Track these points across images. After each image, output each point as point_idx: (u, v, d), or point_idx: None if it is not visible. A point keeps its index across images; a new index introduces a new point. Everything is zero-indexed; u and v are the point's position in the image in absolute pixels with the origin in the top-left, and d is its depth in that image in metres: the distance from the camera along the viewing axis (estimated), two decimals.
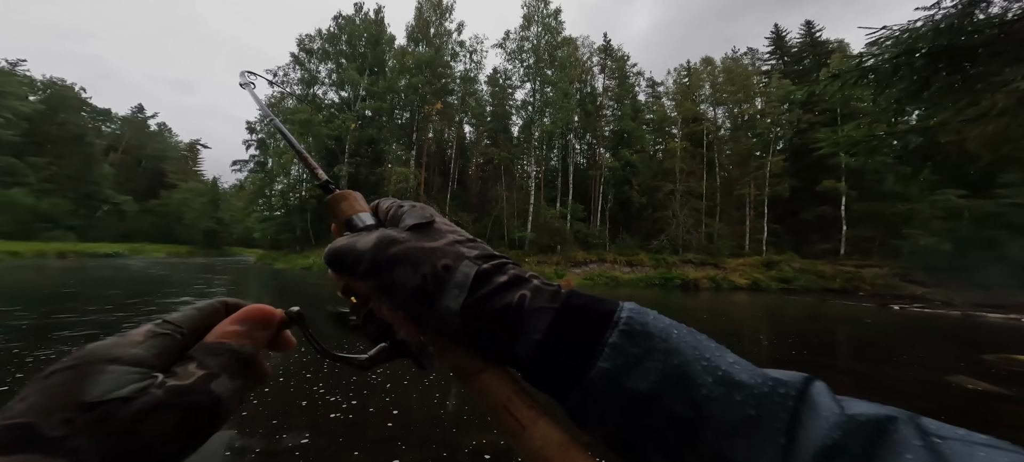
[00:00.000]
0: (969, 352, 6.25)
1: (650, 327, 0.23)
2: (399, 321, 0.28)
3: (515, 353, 0.25)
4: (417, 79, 27.87)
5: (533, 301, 0.25)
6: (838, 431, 0.19)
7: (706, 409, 0.21)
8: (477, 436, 2.75)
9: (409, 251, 0.26)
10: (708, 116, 31.32)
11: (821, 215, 25.60)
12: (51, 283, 11.13)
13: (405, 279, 0.25)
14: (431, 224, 0.28)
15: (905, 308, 13.56)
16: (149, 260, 27.46)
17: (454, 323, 0.25)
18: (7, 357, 4.06)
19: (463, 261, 0.26)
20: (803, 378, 0.22)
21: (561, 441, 0.22)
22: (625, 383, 0.22)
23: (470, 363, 0.26)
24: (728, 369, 0.22)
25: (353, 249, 0.27)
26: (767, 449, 0.20)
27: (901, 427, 0.19)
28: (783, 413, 0.20)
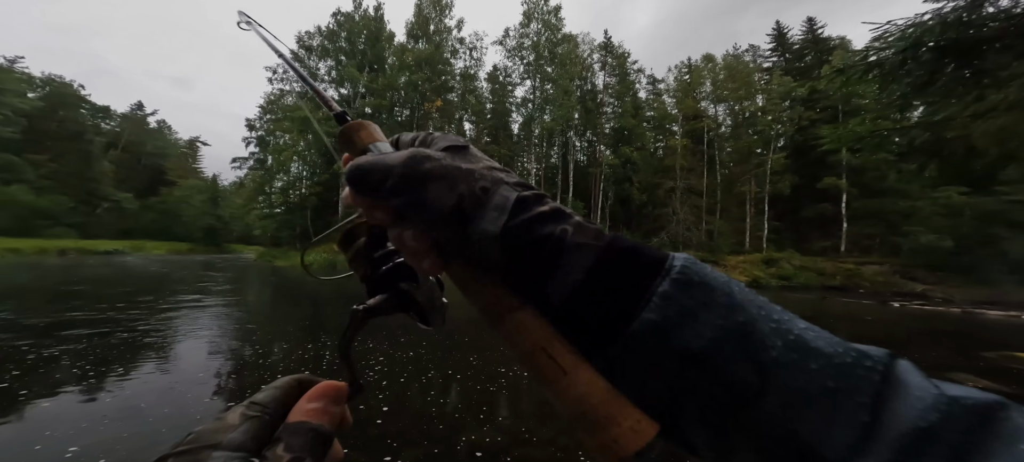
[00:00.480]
0: (969, 349, 6.26)
1: (709, 279, 0.21)
2: (423, 251, 0.25)
3: (547, 295, 0.23)
4: (417, 76, 27.78)
5: (576, 236, 0.22)
6: (935, 414, 0.17)
7: (774, 375, 0.18)
8: (471, 433, 2.75)
9: (445, 168, 0.24)
10: (709, 113, 31.24)
11: (822, 212, 25.59)
12: (56, 280, 11.13)
13: (439, 197, 0.23)
14: (466, 148, 0.26)
15: (905, 305, 13.55)
16: (149, 257, 27.50)
17: (491, 249, 0.23)
18: (16, 353, 4.06)
19: (502, 185, 0.24)
20: (887, 353, 0.20)
21: (608, 389, 0.20)
22: (675, 338, 0.20)
23: (503, 300, 0.23)
24: (801, 334, 0.20)
25: (382, 162, 0.24)
26: (846, 425, 0.18)
27: (1013, 414, 0.17)
28: (868, 387, 0.18)
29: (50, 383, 3.36)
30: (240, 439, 0.20)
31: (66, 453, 2.31)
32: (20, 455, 2.31)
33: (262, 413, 0.22)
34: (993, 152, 3.92)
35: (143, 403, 3.09)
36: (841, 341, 0.20)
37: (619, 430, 0.19)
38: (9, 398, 3.06)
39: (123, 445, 2.42)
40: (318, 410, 0.23)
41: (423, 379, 3.88)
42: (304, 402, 0.24)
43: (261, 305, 8.82)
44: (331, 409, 0.24)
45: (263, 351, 4.72)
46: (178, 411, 2.97)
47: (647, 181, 29.13)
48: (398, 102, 30.16)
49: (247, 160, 35.24)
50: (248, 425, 0.21)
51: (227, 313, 7.26)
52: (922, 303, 14.36)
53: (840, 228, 24.60)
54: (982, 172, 5.90)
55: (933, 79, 4.11)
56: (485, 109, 32.04)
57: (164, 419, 2.82)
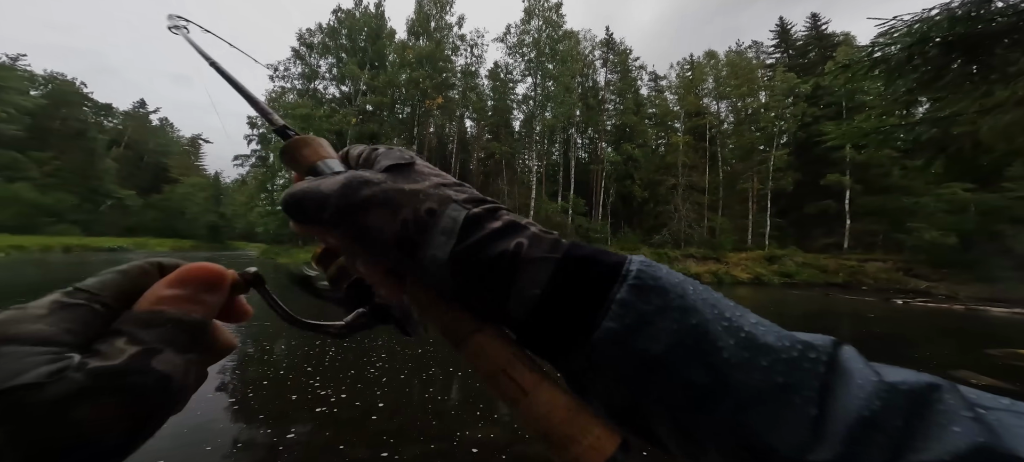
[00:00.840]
0: (973, 346, 6.23)
1: (663, 282, 0.21)
2: (377, 279, 0.24)
3: (509, 311, 0.22)
4: (418, 73, 27.72)
5: (531, 250, 0.22)
6: (876, 401, 0.17)
7: (727, 375, 0.19)
8: (474, 430, 2.76)
9: (386, 192, 0.22)
10: (711, 110, 31.09)
11: (824, 209, 25.48)
12: (65, 277, 11.21)
13: (382, 225, 0.22)
14: (411, 165, 0.25)
15: (908, 302, 13.49)
16: (153, 254, 27.60)
17: (442, 276, 0.22)
18: None
19: (450, 204, 0.23)
20: (832, 341, 0.20)
21: (569, 405, 0.20)
22: (634, 345, 0.20)
23: (462, 323, 0.23)
24: (751, 330, 0.20)
25: (316, 191, 0.22)
26: (795, 421, 0.18)
27: (946, 396, 0.17)
28: (814, 381, 0.18)
29: None
30: (47, 331, 0.16)
31: None
32: None
33: (88, 300, 0.18)
34: (1001, 148, 3.90)
35: None
36: (789, 334, 0.20)
37: (579, 448, 0.19)
38: None
39: None
40: (180, 297, 0.19)
41: (423, 376, 3.89)
42: (159, 287, 0.19)
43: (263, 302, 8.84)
44: (202, 297, 0.20)
45: (267, 348, 4.74)
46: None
47: (649, 178, 29.06)
48: (399, 99, 30.11)
49: (249, 158, 35.29)
50: (63, 313, 0.17)
51: None
52: (926, 300, 14.30)
53: (843, 225, 24.49)
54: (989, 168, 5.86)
55: (940, 74, 4.07)
56: (486, 106, 31.96)
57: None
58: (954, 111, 4.13)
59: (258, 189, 31.60)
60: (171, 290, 0.19)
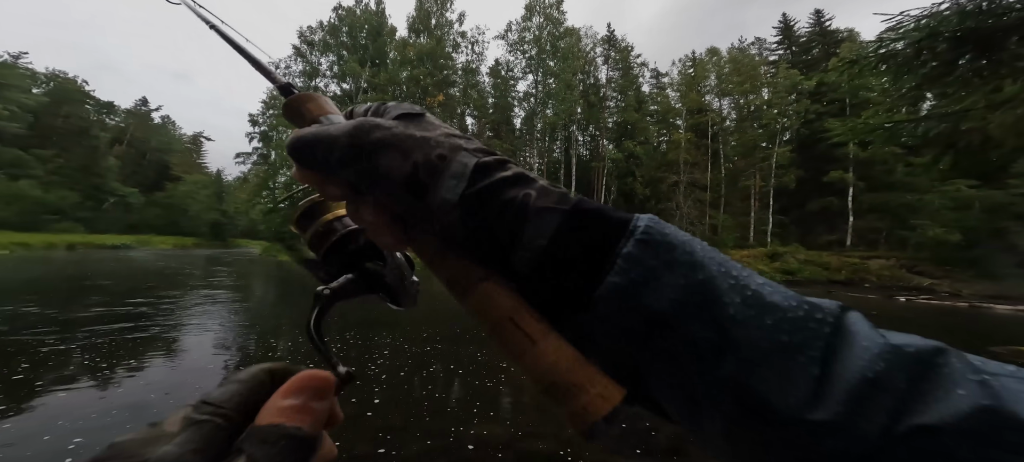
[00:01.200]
0: (976, 344, 6.20)
1: (671, 238, 0.21)
2: (382, 225, 0.24)
3: (513, 264, 0.22)
4: (419, 71, 27.66)
5: (539, 200, 0.22)
6: (881, 363, 0.17)
7: (733, 332, 0.18)
8: (481, 427, 2.75)
9: (397, 136, 0.22)
10: (713, 107, 30.95)
11: (827, 206, 25.38)
12: (73, 274, 11.26)
13: (392, 167, 0.22)
14: (421, 116, 0.25)
15: (911, 300, 13.45)
16: (157, 252, 27.74)
17: (451, 219, 0.22)
18: (36, 345, 4.11)
19: (461, 151, 0.23)
20: (838, 305, 0.20)
21: (576, 356, 0.20)
22: (640, 299, 0.19)
23: (468, 271, 0.22)
24: (759, 289, 0.20)
25: (325, 133, 0.22)
26: (798, 380, 0.18)
27: (952, 359, 0.17)
28: (818, 341, 0.18)
29: (64, 375, 3.41)
30: (177, 452, 0.16)
31: (70, 444, 2.34)
32: (28, 442, 2.34)
33: (213, 415, 0.18)
34: (1010, 144, 3.85)
35: (152, 395, 3.13)
36: (796, 295, 0.20)
37: (587, 397, 0.19)
38: (26, 388, 3.10)
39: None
40: (296, 408, 0.19)
41: (424, 373, 3.89)
42: (277, 398, 0.19)
43: (267, 299, 8.89)
44: (312, 406, 0.20)
45: (272, 344, 4.75)
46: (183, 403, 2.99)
47: (650, 175, 29.00)
48: (400, 97, 30.09)
49: (250, 155, 35.34)
50: (191, 432, 0.17)
51: (235, 307, 7.32)
52: (929, 297, 14.25)
53: (846, 222, 24.40)
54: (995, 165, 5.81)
55: (949, 70, 4.02)
56: (487, 104, 31.91)
57: (170, 410, 2.85)
58: (963, 107, 4.08)
59: (260, 187, 31.68)
60: (287, 401, 0.19)
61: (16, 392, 3.04)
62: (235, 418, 0.18)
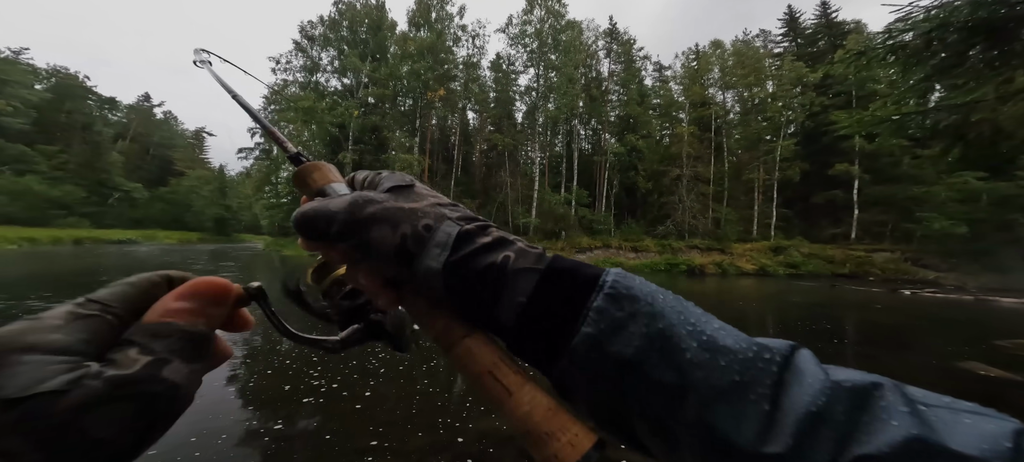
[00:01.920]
0: (982, 337, 6.14)
1: (635, 291, 0.22)
2: (377, 288, 0.26)
3: (498, 319, 0.24)
4: (419, 65, 27.50)
5: (517, 262, 0.24)
6: (823, 397, 0.19)
7: (690, 374, 0.20)
8: (484, 420, 2.77)
9: (387, 210, 0.24)
10: (717, 100, 30.62)
11: (832, 199, 25.17)
12: (80, 268, 11.37)
13: (383, 239, 0.24)
14: (411, 187, 0.27)
15: (916, 293, 13.36)
16: (162, 247, 27.99)
17: (436, 285, 0.24)
18: None
19: (445, 221, 0.25)
20: (789, 345, 0.21)
21: (549, 405, 0.21)
22: (609, 348, 0.21)
23: (453, 329, 0.24)
24: (713, 334, 0.21)
25: (325, 209, 0.25)
26: (751, 415, 0.19)
27: (887, 393, 0.19)
28: (767, 379, 0.20)
29: None
30: (64, 340, 0.16)
31: None
32: None
33: (101, 311, 0.19)
34: (1021, 135, 3.79)
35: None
36: (748, 338, 0.21)
37: (558, 444, 0.20)
38: None
39: None
40: (189, 310, 0.20)
41: (425, 367, 3.92)
42: (169, 299, 0.20)
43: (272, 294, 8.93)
44: (208, 311, 0.21)
45: (277, 339, 4.79)
46: None
47: (653, 169, 28.80)
48: (401, 92, 29.94)
49: (253, 150, 35.41)
50: (78, 324, 0.18)
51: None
52: (934, 291, 14.15)
53: (851, 215, 24.21)
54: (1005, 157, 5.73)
55: (960, 60, 3.95)
56: (488, 98, 31.71)
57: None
58: (973, 98, 4.01)
59: (262, 182, 31.78)
60: (179, 303, 0.20)
61: None
62: (124, 316, 0.19)
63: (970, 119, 4.11)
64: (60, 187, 32.22)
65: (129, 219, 39.65)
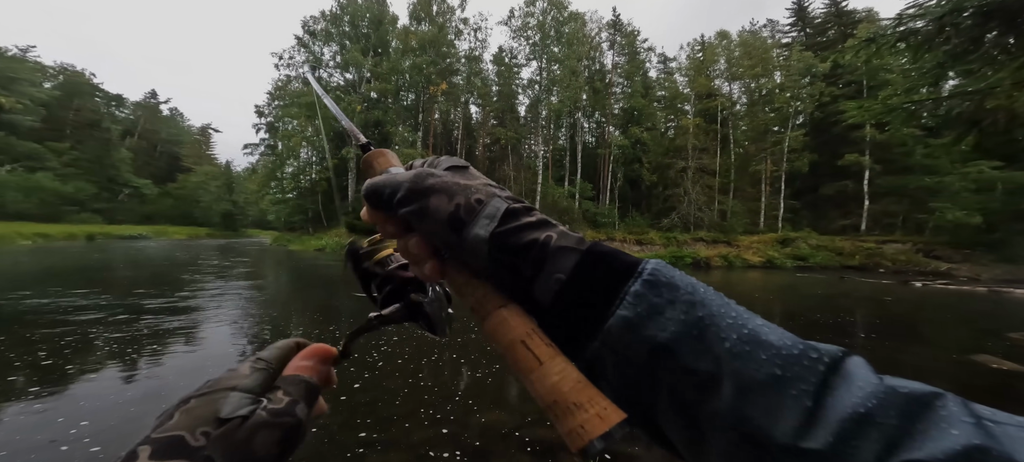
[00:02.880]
0: (995, 330, 6.02)
1: (676, 280, 0.23)
2: (424, 255, 0.28)
3: (535, 295, 0.25)
4: (421, 59, 27.34)
5: (559, 241, 0.25)
6: (874, 400, 0.18)
7: (728, 364, 0.20)
8: (488, 413, 2.77)
9: (445, 183, 0.27)
10: (723, 92, 30.12)
11: (842, 190, 24.76)
12: (104, 263, 11.58)
13: (439, 206, 0.26)
14: (466, 168, 0.30)
15: (928, 284, 13.13)
16: (173, 242, 28.36)
17: (482, 252, 0.26)
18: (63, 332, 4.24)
19: (495, 197, 0.27)
20: (839, 350, 0.21)
21: (579, 378, 0.22)
22: (644, 331, 0.22)
23: (491, 298, 0.26)
24: (756, 329, 0.21)
25: (392, 179, 0.28)
26: (790, 410, 0.19)
27: (949, 404, 0.18)
28: (812, 377, 0.20)
29: (89, 362, 3.51)
30: (251, 384, 0.25)
31: (72, 433, 2.42)
32: (41, 428, 2.42)
33: (267, 367, 0.27)
34: None
35: (168, 381, 3.21)
36: (794, 337, 0.21)
37: (586, 416, 0.20)
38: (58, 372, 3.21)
39: (131, 426, 2.51)
40: (310, 367, 0.28)
41: (429, 360, 3.93)
42: (298, 359, 0.28)
43: (280, 288, 9.04)
44: (320, 368, 0.28)
45: (285, 334, 4.84)
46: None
47: (658, 161, 28.52)
48: (403, 86, 29.84)
49: (258, 146, 35.64)
50: (257, 375, 0.26)
51: (250, 296, 7.45)
52: (946, 282, 13.90)
53: (861, 206, 23.81)
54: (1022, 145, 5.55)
55: (974, 46, 3.82)
56: (491, 91, 31.50)
57: None
58: (988, 85, 3.88)
59: (268, 177, 32.01)
60: (305, 362, 0.28)
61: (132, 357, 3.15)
62: (277, 370, 0.27)
63: (984, 106, 3.98)
64: (71, 183, 32.73)
65: (139, 215, 40.24)
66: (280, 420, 0.23)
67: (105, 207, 36.18)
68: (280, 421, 0.23)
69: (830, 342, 0.19)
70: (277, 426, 0.23)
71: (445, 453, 2.26)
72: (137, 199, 41.53)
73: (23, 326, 4.47)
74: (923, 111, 4.74)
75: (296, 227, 30.28)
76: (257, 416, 0.23)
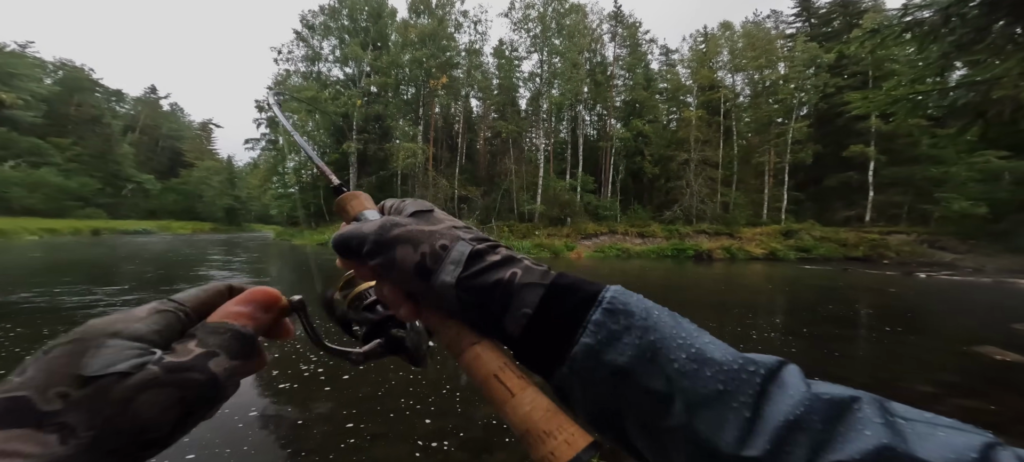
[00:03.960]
0: (998, 321, 6.01)
1: (631, 306, 0.24)
2: (399, 301, 0.29)
3: (505, 329, 0.26)
4: (421, 53, 27.10)
5: (524, 278, 0.26)
6: (801, 407, 0.20)
7: (678, 382, 0.22)
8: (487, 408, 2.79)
9: (410, 232, 0.28)
10: (726, 83, 29.79)
11: (846, 181, 24.58)
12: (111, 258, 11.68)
13: (406, 257, 0.27)
14: (431, 212, 0.31)
15: (932, 276, 13.08)
16: (178, 237, 28.52)
17: (450, 297, 0.26)
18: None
19: (459, 241, 0.28)
20: (776, 360, 0.23)
21: (549, 407, 0.23)
22: (605, 357, 0.23)
23: (464, 336, 0.27)
24: (702, 347, 0.23)
25: (359, 232, 0.29)
26: (732, 421, 0.20)
27: (864, 406, 0.20)
28: (750, 389, 0.21)
29: None
30: (143, 330, 0.20)
31: None
32: None
33: (177, 309, 0.22)
34: None
35: None
36: (736, 352, 0.23)
37: (555, 443, 0.21)
38: None
39: None
40: (244, 313, 0.24)
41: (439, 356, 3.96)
42: (230, 305, 0.24)
43: (284, 280, 9.11)
44: (258, 315, 0.24)
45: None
46: None
47: (660, 154, 28.33)
48: (403, 80, 29.64)
49: (259, 141, 35.61)
50: (157, 317, 0.21)
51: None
52: (950, 273, 13.84)
53: (866, 197, 23.64)
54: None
55: (980, 36, 3.77)
56: (491, 85, 31.27)
57: None
58: (995, 75, 3.82)
59: (270, 172, 32.02)
60: (236, 307, 0.24)
61: None
62: (192, 315, 0.23)
63: (990, 96, 3.93)
64: (75, 179, 32.88)
65: (143, 210, 40.46)
66: (179, 376, 0.19)
67: (109, 202, 36.36)
68: (179, 378, 0.19)
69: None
70: (173, 385, 0.19)
71: (446, 446, 2.28)
72: (141, 194, 41.70)
73: (41, 319, 4.52)
74: (928, 102, 4.68)
75: (298, 222, 30.39)
76: (145, 372, 0.18)
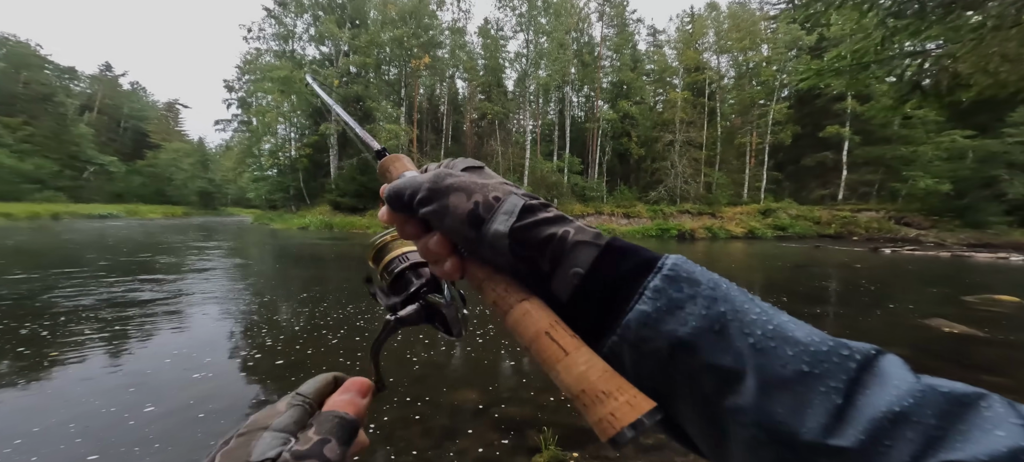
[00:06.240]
0: (952, 294, 6.34)
1: (697, 275, 0.23)
2: (445, 253, 0.28)
3: (553, 288, 0.25)
4: (402, 31, 25.99)
5: (576, 236, 0.25)
6: (910, 399, 0.18)
7: (751, 359, 0.20)
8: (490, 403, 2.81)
9: (463, 182, 0.27)
10: (711, 65, 29.89)
11: (822, 161, 25.43)
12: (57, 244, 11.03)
13: (459, 204, 0.27)
14: (482, 168, 0.31)
15: (897, 251, 13.81)
16: (147, 222, 27.07)
17: (502, 246, 0.26)
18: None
19: (512, 195, 0.27)
20: (873, 348, 0.21)
21: (605, 368, 0.22)
22: (664, 326, 0.21)
23: (513, 292, 0.26)
24: (781, 325, 0.21)
25: (413, 181, 0.28)
26: (818, 407, 0.18)
27: (995, 405, 0.17)
28: (842, 374, 0.19)
29: (74, 350, 3.35)
30: (285, 423, 0.24)
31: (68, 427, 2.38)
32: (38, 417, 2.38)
33: (303, 403, 0.26)
34: (979, 83, 3.62)
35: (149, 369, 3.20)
36: (824, 334, 0.21)
37: (615, 404, 0.20)
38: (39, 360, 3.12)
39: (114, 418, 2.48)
40: (346, 401, 0.27)
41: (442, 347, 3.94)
42: (337, 395, 0.28)
43: (265, 267, 8.84)
44: (358, 401, 0.28)
45: (280, 319, 4.77)
46: (188, 381, 3.03)
47: (646, 135, 28.52)
48: (384, 59, 28.48)
49: (230, 122, 33.91)
50: (292, 412, 0.26)
51: (236, 275, 7.25)
52: (914, 248, 14.63)
53: (840, 176, 24.53)
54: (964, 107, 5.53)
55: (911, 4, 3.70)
56: (477, 65, 30.46)
57: (182, 392, 2.89)
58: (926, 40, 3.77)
59: (244, 154, 30.63)
60: (342, 396, 0.28)
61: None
62: (314, 405, 0.27)
63: (923, 66, 3.93)
64: (30, 160, 30.72)
65: (108, 193, 38.29)
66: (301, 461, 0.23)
67: (69, 185, 34.23)
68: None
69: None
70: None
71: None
72: (104, 177, 39.36)
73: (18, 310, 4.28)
74: (870, 73, 4.65)
75: (277, 205, 29.40)
76: (282, 458, 0.22)
